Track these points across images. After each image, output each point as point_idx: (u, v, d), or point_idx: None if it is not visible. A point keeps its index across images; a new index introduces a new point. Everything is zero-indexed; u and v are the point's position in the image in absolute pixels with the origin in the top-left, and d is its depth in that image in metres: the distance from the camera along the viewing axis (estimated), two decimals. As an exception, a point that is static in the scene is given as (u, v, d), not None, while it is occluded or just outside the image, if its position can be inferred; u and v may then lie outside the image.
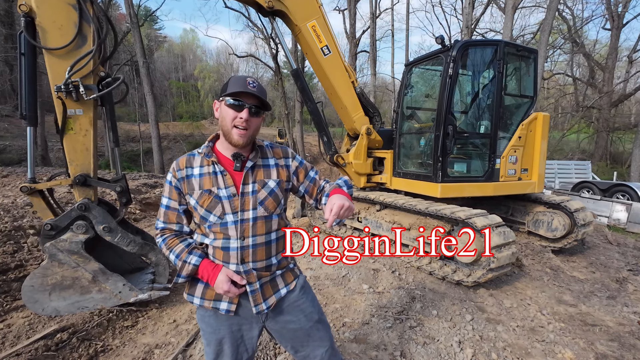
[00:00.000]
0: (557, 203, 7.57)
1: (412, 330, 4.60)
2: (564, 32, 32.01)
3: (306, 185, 2.52)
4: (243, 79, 2.14)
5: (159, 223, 2.33)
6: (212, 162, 2.22)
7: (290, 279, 2.46)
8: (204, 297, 2.28)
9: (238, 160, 2.20)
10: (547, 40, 18.79)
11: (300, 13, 7.38)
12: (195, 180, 2.20)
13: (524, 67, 7.59)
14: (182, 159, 2.27)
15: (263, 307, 2.28)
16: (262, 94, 2.15)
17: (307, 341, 2.47)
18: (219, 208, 2.17)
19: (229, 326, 2.31)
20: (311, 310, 2.49)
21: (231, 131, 2.13)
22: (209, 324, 2.33)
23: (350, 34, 31.45)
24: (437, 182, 6.75)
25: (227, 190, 2.18)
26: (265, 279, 2.30)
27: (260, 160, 2.32)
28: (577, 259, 7.68)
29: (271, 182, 2.30)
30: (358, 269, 6.40)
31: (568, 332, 4.78)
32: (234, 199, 2.18)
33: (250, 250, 2.21)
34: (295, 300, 2.44)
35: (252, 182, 2.23)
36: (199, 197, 2.18)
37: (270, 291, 2.34)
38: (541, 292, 5.96)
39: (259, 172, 2.28)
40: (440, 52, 6.98)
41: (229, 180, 2.19)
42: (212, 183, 2.18)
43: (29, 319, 4.82)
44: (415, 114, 8.53)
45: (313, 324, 2.47)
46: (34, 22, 4.49)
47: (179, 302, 5.47)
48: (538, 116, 7.43)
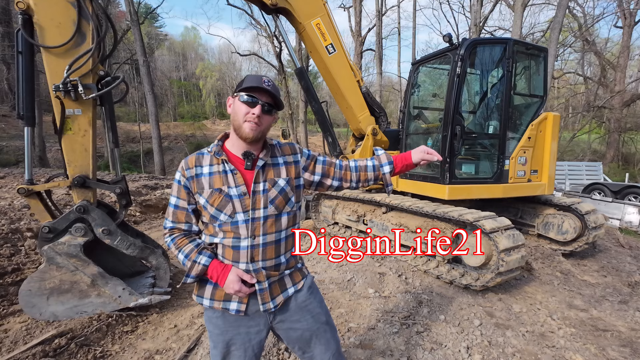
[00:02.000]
0: (567, 205, 7.52)
1: (419, 336, 4.58)
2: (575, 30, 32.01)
3: (320, 169, 2.53)
4: (259, 77, 2.17)
5: (168, 222, 2.34)
6: (222, 161, 2.23)
7: (298, 278, 2.48)
8: (214, 297, 2.29)
9: (249, 159, 2.21)
10: (557, 38, 18.75)
11: (304, 10, 7.38)
12: (205, 179, 2.21)
13: (534, 66, 7.57)
14: (191, 157, 2.28)
15: (270, 305, 2.30)
16: (276, 93, 2.18)
17: (314, 343, 2.48)
18: (230, 207, 2.18)
19: (236, 327, 2.32)
20: (319, 311, 2.51)
21: (242, 125, 2.14)
22: (217, 326, 2.33)
23: (355, 32, 31.41)
24: (445, 183, 6.72)
25: (238, 189, 2.18)
26: (273, 278, 2.32)
27: (271, 159, 2.34)
28: (588, 263, 7.63)
29: (281, 181, 2.32)
30: (364, 273, 6.38)
31: (579, 337, 4.75)
32: (245, 197, 2.19)
33: (260, 249, 2.23)
34: (303, 300, 2.46)
35: (263, 181, 2.25)
36: (209, 196, 2.19)
37: (278, 290, 2.36)
38: (551, 297, 5.94)
39: (269, 171, 2.30)
40: (448, 51, 6.94)
41: (240, 179, 2.20)
42: (222, 182, 2.19)
43: (27, 324, 4.79)
44: (422, 114, 8.50)
45: (320, 326, 2.49)
46: (32, 19, 4.51)
47: (180, 307, 5.46)
48: (548, 116, 7.39)
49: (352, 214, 8.45)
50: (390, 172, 2.58)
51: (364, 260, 6.97)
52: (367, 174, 2.61)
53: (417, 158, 2.51)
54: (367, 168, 2.61)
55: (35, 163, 24.67)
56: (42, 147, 27.03)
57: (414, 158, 2.52)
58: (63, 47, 4.59)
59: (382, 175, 2.59)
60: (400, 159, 2.57)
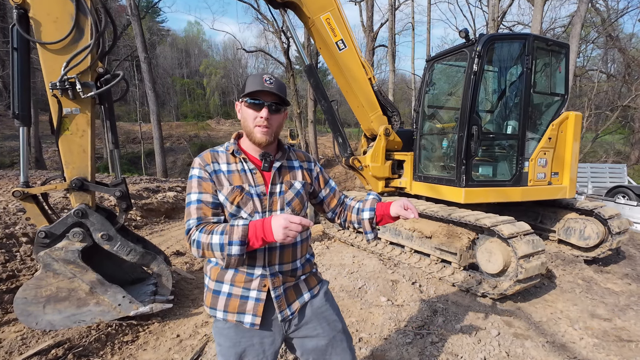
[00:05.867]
0: (590, 209, 7.48)
1: (433, 346, 4.56)
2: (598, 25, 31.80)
3: (326, 193, 2.64)
4: (259, 77, 2.18)
5: (192, 221, 2.13)
6: (241, 160, 2.26)
7: (313, 283, 2.51)
8: (227, 309, 2.26)
9: (266, 160, 2.28)
10: (579, 33, 18.63)
11: (313, 5, 7.38)
12: (223, 176, 2.22)
13: (555, 63, 7.54)
14: (206, 154, 2.28)
15: (287, 312, 2.31)
16: (280, 90, 2.19)
17: (330, 353, 2.47)
18: (251, 205, 2.20)
19: (250, 338, 2.30)
20: (335, 318, 2.52)
21: (253, 130, 2.20)
22: (229, 337, 2.31)
23: (367, 27, 31.28)
24: (461, 186, 6.72)
25: (257, 188, 2.23)
26: (289, 283, 2.34)
27: (286, 162, 2.41)
28: (612, 270, 7.57)
29: (297, 184, 2.39)
30: (375, 280, 6.37)
31: (602, 348, 4.72)
32: (264, 198, 2.24)
33: (277, 252, 2.25)
34: (319, 306, 2.47)
35: (280, 183, 2.32)
36: (229, 194, 2.19)
37: (294, 296, 2.37)
38: (573, 305, 5.90)
39: (285, 173, 2.37)
40: (464, 47, 6.93)
41: (259, 178, 2.25)
42: (242, 180, 2.22)
43: (22, 333, 4.79)
44: (437, 114, 8.50)
45: (337, 334, 2.49)
46: (28, 14, 4.51)
47: (182, 316, 5.47)
48: (569, 116, 7.37)
49: (363, 218, 8.43)
50: (370, 220, 2.51)
51: (375, 267, 6.95)
52: (351, 216, 2.63)
53: (394, 212, 2.43)
54: (352, 209, 2.64)
55: (31, 165, 24.83)
56: (39, 148, 27.12)
57: (391, 211, 2.44)
58: (60, 43, 4.60)
59: (361, 220, 2.56)
60: (381, 208, 2.51)
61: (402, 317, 5.24)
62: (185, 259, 8.12)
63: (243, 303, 2.24)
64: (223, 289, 2.27)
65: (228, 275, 2.26)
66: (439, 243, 6.64)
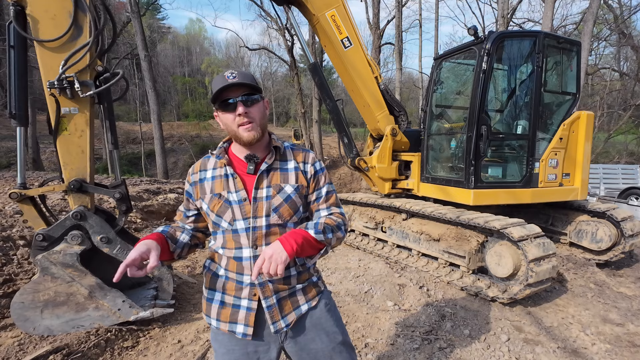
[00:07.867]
0: (602, 211, 7.47)
1: (441, 352, 4.55)
2: (610, 22, 31.75)
3: (312, 199, 2.42)
4: (221, 76, 2.15)
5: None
6: (224, 164, 2.24)
7: (312, 294, 2.41)
8: (219, 318, 2.26)
9: (251, 163, 2.21)
10: (591, 31, 18.56)
11: (318, 1, 7.38)
12: (207, 184, 2.25)
13: (566, 61, 7.52)
14: (199, 162, 2.35)
15: (282, 324, 2.25)
16: (246, 79, 2.15)
17: None
18: (229, 213, 2.17)
19: (244, 347, 2.28)
20: (335, 330, 2.44)
21: (238, 131, 2.13)
22: (223, 344, 2.31)
23: (373, 25, 31.20)
24: (470, 188, 6.71)
25: (238, 194, 2.17)
26: (283, 292, 2.26)
27: (278, 163, 2.30)
28: (625, 274, 7.55)
29: (288, 187, 2.26)
30: (382, 284, 6.37)
31: (614, 354, 4.70)
32: (245, 204, 2.17)
33: None
34: (317, 318, 2.39)
35: (267, 187, 2.22)
36: (209, 201, 2.21)
37: (290, 307, 2.30)
38: (584, 310, 5.87)
39: (275, 175, 2.27)
40: (473, 45, 6.93)
41: (240, 183, 2.19)
42: (223, 186, 2.20)
43: (19, 338, 4.79)
44: (445, 113, 8.49)
45: (336, 346, 2.41)
46: (25, 11, 4.51)
47: (183, 321, 5.46)
48: (581, 115, 7.35)
49: (369, 220, 8.44)
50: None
51: (382, 271, 6.94)
52: None
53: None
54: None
55: (29, 166, 24.85)
56: (36, 148, 27.14)
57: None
58: (58, 41, 4.59)
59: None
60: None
61: (409, 322, 5.23)
62: (186, 262, 8.11)
63: (235, 312, 2.23)
64: (216, 297, 2.29)
65: (219, 283, 2.27)
66: (447, 246, 6.63)
